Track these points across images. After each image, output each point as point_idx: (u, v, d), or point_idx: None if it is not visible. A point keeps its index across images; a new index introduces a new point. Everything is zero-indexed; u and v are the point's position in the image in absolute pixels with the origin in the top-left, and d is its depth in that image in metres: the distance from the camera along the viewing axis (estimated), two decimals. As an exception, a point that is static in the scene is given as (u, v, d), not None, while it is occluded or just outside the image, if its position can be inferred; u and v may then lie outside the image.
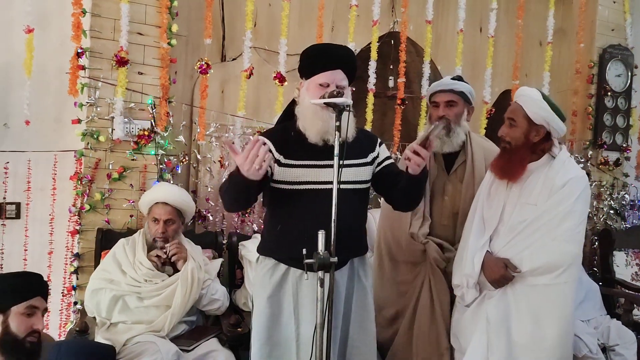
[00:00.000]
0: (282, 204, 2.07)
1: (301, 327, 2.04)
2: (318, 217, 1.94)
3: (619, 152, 4.63)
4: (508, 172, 2.35)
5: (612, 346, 3.20)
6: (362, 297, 2.18)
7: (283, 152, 2.05)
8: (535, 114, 2.29)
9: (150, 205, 2.84)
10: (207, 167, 3.53)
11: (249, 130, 3.57)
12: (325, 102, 1.89)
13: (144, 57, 3.19)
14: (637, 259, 4.32)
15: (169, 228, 2.78)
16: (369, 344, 2.17)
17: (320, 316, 1.82)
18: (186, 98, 3.54)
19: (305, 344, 2.00)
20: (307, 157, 2.04)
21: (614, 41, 4.61)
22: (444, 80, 2.64)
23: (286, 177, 2.05)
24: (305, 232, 1.94)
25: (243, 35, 3.48)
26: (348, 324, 2.13)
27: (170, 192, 2.84)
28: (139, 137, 3.14)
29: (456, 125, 2.57)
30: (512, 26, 4.49)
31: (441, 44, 4.41)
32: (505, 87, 4.57)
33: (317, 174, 2.03)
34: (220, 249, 3.28)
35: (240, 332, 2.60)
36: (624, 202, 4.65)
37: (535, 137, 2.31)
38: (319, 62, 2.03)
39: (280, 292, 2.09)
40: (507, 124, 2.37)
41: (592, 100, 4.57)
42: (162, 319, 2.58)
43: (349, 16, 3.74)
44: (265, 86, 3.73)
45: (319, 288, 1.82)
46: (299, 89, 2.11)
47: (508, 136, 2.35)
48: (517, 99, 2.37)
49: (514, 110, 2.35)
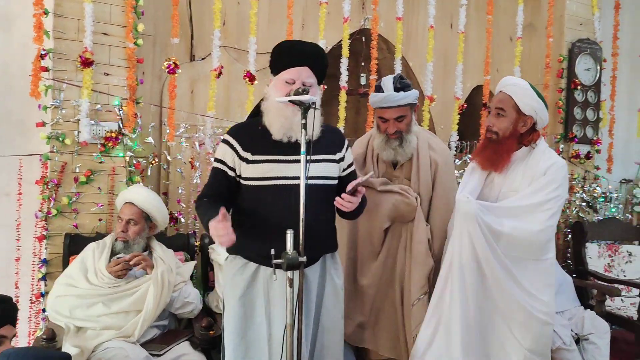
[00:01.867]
0: (251, 200, 2.05)
1: (273, 326, 2.02)
2: (287, 213, 1.95)
3: (589, 145, 4.69)
4: (494, 162, 2.35)
5: (585, 335, 3.24)
6: (334, 294, 2.18)
7: (250, 148, 2.04)
8: (524, 104, 2.28)
9: (120, 205, 2.84)
10: (177, 169, 3.47)
11: (219, 130, 3.52)
12: (290, 99, 1.87)
13: (110, 58, 3.12)
14: (609, 250, 4.38)
15: (130, 228, 2.75)
16: (337, 342, 2.16)
17: (290, 317, 1.81)
18: (155, 99, 3.49)
19: (277, 344, 1.98)
20: (275, 152, 2.03)
21: (583, 35, 4.66)
22: (389, 95, 2.48)
23: (255, 173, 2.03)
24: (274, 228, 1.94)
25: (212, 34, 3.44)
26: (318, 321, 2.11)
27: (138, 193, 2.82)
28: (107, 139, 3.08)
29: (407, 134, 2.54)
30: (482, 22, 4.51)
31: (412, 40, 4.41)
32: (476, 83, 4.59)
33: (286, 169, 2.02)
34: (193, 251, 3.23)
35: (212, 334, 2.56)
36: (596, 194, 4.71)
37: (523, 127, 2.31)
38: (286, 59, 2.02)
39: (252, 291, 2.07)
40: (494, 113, 2.34)
41: (563, 94, 4.62)
42: (132, 324, 2.53)
43: (319, 13, 3.72)
44: (236, 85, 3.68)
45: (288, 288, 1.81)
46: (268, 85, 2.09)
47: (495, 126, 2.33)
48: (505, 89, 2.34)
49: (503, 100, 2.32)
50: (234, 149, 2.06)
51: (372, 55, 3.94)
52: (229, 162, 2.07)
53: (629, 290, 4.07)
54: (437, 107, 4.28)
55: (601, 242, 4.38)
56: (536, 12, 4.80)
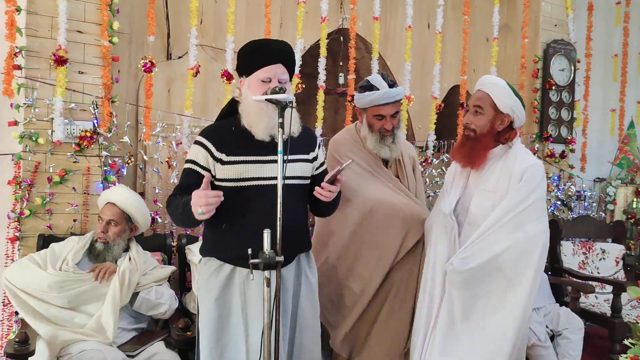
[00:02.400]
0: (226, 201, 2.02)
1: (250, 327, 2.01)
2: (264, 214, 1.94)
3: (564, 144, 4.76)
4: (471, 160, 2.36)
5: (560, 331, 3.29)
6: (310, 293, 2.18)
7: (225, 149, 2.02)
8: (502, 102, 2.30)
9: (102, 205, 2.81)
10: (154, 168, 3.44)
11: (196, 130, 3.49)
12: (267, 98, 1.86)
13: (84, 56, 3.08)
14: (583, 248, 4.45)
15: (110, 229, 2.73)
16: (315, 341, 2.16)
17: (267, 316, 1.80)
18: (131, 98, 3.45)
19: (254, 345, 1.97)
20: (251, 153, 2.02)
21: (557, 36, 4.74)
22: (388, 92, 2.53)
23: (230, 174, 2.02)
24: (251, 228, 1.93)
25: (188, 32, 3.41)
26: (295, 321, 2.11)
27: (119, 194, 2.80)
28: (81, 139, 3.03)
29: (398, 130, 2.63)
30: (459, 22, 4.55)
31: (390, 40, 4.44)
32: (453, 83, 4.63)
33: (261, 170, 2.01)
34: (170, 252, 3.21)
35: (189, 335, 2.54)
36: (570, 193, 4.79)
37: (500, 125, 2.33)
38: (260, 58, 2.00)
39: (228, 293, 2.06)
40: (472, 111, 2.36)
41: (538, 94, 4.69)
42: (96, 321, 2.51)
43: (297, 13, 3.71)
44: (213, 84, 3.66)
45: (265, 288, 1.80)
46: (239, 87, 2.08)
47: (473, 124, 2.34)
48: (484, 87, 2.36)
49: (481, 98, 2.34)
50: (207, 149, 2.04)
51: (350, 54, 3.95)
52: (202, 162, 2.05)
53: (602, 287, 4.14)
54: (415, 106, 4.30)
55: (575, 239, 4.46)
56: (512, 13, 4.86)
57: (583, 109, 5.02)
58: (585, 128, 5.05)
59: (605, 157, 5.29)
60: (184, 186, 2.06)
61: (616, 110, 5.38)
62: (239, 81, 2.09)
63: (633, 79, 5.44)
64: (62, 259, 2.62)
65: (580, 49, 4.95)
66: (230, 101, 2.14)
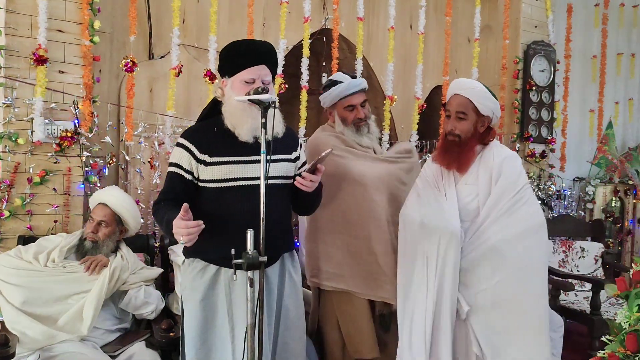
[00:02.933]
0: (210, 202, 2.03)
1: (236, 328, 2.01)
2: (248, 214, 1.94)
3: (544, 144, 4.83)
4: (460, 164, 2.39)
5: (540, 330, 3.32)
6: (294, 292, 2.19)
7: (208, 151, 2.02)
8: (484, 106, 2.34)
9: (94, 205, 2.81)
10: (136, 169, 3.41)
11: (179, 130, 3.48)
12: (249, 98, 1.86)
13: (65, 55, 3.05)
14: (563, 246, 4.51)
15: (101, 230, 2.73)
16: (300, 340, 2.17)
17: (251, 317, 1.80)
18: (112, 97, 3.42)
19: (240, 345, 1.97)
20: (234, 154, 2.02)
21: (537, 37, 4.80)
22: (353, 82, 2.64)
23: (213, 175, 2.02)
24: (235, 229, 1.93)
25: (171, 32, 3.39)
26: (279, 320, 2.11)
27: (113, 196, 2.81)
28: (62, 139, 3.00)
29: (369, 120, 2.70)
30: (441, 23, 4.59)
31: (373, 41, 4.46)
32: (435, 83, 4.67)
33: (245, 170, 2.02)
34: (153, 253, 3.19)
35: (172, 336, 2.53)
36: (550, 192, 4.85)
37: (482, 127, 2.38)
38: (243, 59, 2.00)
39: (213, 294, 2.05)
40: (454, 117, 2.39)
41: (519, 95, 4.75)
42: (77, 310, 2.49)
43: (280, 13, 3.71)
44: (196, 84, 3.65)
45: (248, 288, 1.80)
46: (221, 88, 2.07)
47: (457, 129, 2.38)
48: (463, 92, 2.38)
49: (463, 104, 2.37)
50: (190, 152, 2.03)
51: (333, 55, 3.96)
52: (186, 166, 2.04)
53: (581, 284, 4.21)
54: (398, 107, 4.33)
55: (555, 238, 4.51)
56: (493, 15, 4.91)
57: (562, 110, 5.10)
58: (564, 128, 5.13)
59: (584, 156, 5.37)
60: (169, 190, 2.05)
61: (595, 110, 5.48)
62: (221, 81, 2.08)
63: (611, 80, 5.55)
64: (47, 253, 2.61)
65: (560, 50, 5.03)
66: (211, 102, 2.13)
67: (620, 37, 5.64)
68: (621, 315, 1.52)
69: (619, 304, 4.19)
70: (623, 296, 1.57)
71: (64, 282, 2.53)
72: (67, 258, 2.66)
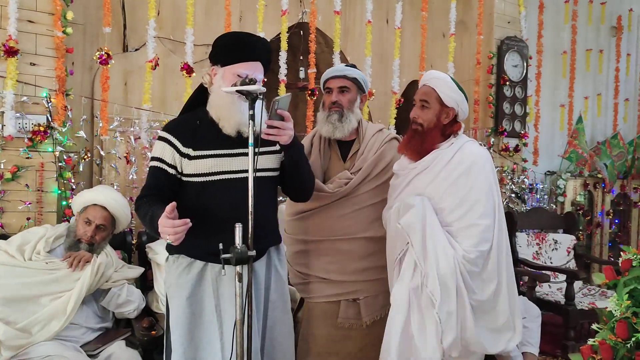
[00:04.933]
0: (195, 197, 1.99)
1: (224, 324, 1.97)
2: (234, 208, 1.91)
3: (518, 138, 4.90)
4: (420, 154, 2.38)
5: (518, 321, 3.37)
6: (280, 287, 2.16)
7: (191, 144, 1.97)
8: (447, 96, 2.35)
9: (86, 205, 2.70)
10: (112, 164, 3.33)
11: (156, 124, 3.41)
12: (237, 89, 1.82)
13: (37, 47, 2.95)
14: (537, 239, 4.60)
15: (99, 233, 2.66)
16: (287, 335, 2.15)
17: (240, 312, 1.77)
18: (86, 91, 3.33)
19: (229, 341, 1.93)
20: (219, 147, 1.98)
21: (511, 33, 4.87)
22: (337, 67, 2.66)
23: (198, 169, 1.97)
24: (221, 223, 1.90)
25: (146, 24, 3.32)
26: (266, 315, 2.09)
27: (112, 198, 2.73)
28: (34, 133, 2.91)
29: (348, 112, 2.54)
30: (416, 18, 4.61)
31: (350, 35, 4.45)
32: (412, 78, 4.69)
33: (230, 163, 1.98)
34: (130, 250, 3.12)
35: (154, 334, 2.48)
36: (523, 186, 4.93)
37: (445, 119, 2.37)
38: (241, 52, 1.96)
39: (200, 290, 2.01)
40: (419, 106, 2.39)
41: (493, 90, 4.81)
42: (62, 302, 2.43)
43: (257, 6, 3.67)
44: (172, 78, 3.58)
45: (237, 283, 1.77)
46: (210, 74, 2.02)
47: (420, 118, 2.38)
48: (429, 82, 2.40)
49: (427, 93, 2.38)
50: (173, 145, 1.99)
51: (310, 48, 3.93)
52: (169, 160, 1.99)
53: (555, 276, 4.29)
54: (375, 101, 4.33)
55: (529, 231, 4.59)
56: (467, 10, 4.96)
57: (535, 104, 5.19)
58: (537, 123, 5.23)
59: (555, 150, 5.48)
60: (152, 186, 2.00)
61: (565, 105, 5.59)
62: (210, 69, 2.03)
63: (581, 76, 5.67)
64: (33, 244, 2.55)
65: (532, 46, 5.11)
66: (197, 90, 2.08)
67: (590, 34, 5.77)
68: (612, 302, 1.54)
69: (591, 294, 4.30)
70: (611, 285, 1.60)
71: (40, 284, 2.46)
72: (53, 251, 2.59)
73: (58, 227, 2.72)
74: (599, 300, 4.04)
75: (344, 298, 2.50)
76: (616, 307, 1.52)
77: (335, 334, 2.51)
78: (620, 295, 1.55)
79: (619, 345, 1.52)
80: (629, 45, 6.09)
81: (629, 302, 1.52)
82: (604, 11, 5.81)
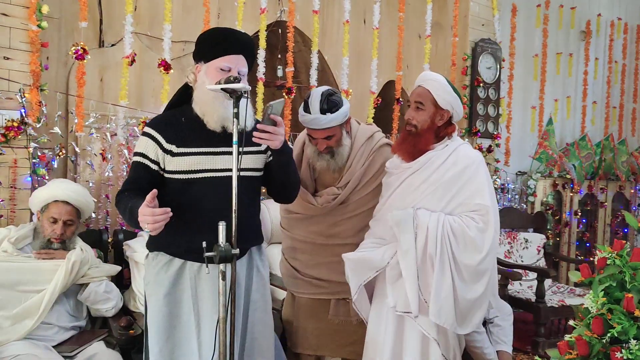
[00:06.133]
0: (177, 194, 1.97)
1: (202, 323, 1.97)
2: (216, 206, 1.91)
3: (491, 139, 4.99)
4: (414, 155, 2.40)
5: (491, 318, 3.44)
6: (262, 287, 2.16)
7: (175, 141, 1.96)
8: (442, 99, 2.36)
9: (46, 202, 2.62)
10: (87, 161, 3.28)
11: (132, 121, 3.37)
12: (222, 87, 1.82)
13: (10, 41, 2.89)
14: (509, 238, 4.70)
15: (67, 229, 2.61)
16: (267, 336, 2.15)
17: (222, 310, 1.77)
18: (61, 86, 3.27)
19: (207, 341, 1.93)
20: (202, 144, 1.97)
21: (485, 35, 4.96)
22: (316, 119, 2.34)
23: (180, 166, 1.96)
24: (204, 222, 1.89)
25: (123, 19, 3.27)
26: (247, 315, 2.09)
27: (73, 191, 2.66)
28: (7, 129, 2.85)
29: (339, 147, 2.45)
30: (393, 19, 4.65)
31: (327, 34, 4.46)
32: (388, 78, 4.72)
33: (213, 162, 1.98)
34: (106, 248, 3.08)
35: (132, 334, 2.45)
36: (496, 186, 5.03)
37: (440, 121, 2.38)
38: (222, 46, 1.96)
39: (178, 288, 2.00)
40: (413, 107, 2.40)
41: (467, 91, 4.88)
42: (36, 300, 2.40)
43: (236, 3, 3.65)
44: (149, 74, 3.54)
45: (220, 281, 1.77)
46: (194, 73, 2.01)
47: (415, 120, 2.38)
48: (424, 83, 2.40)
49: (422, 94, 2.38)
50: (156, 141, 1.97)
51: (288, 47, 3.93)
52: (151, 156, 1.97)
53: (526, 274, 4.39)
54: (352, 101, 4.35)
55: (501, 230, 4.68)
56: (443, 12, 5.02)
57: (507, 106, 5.29)
58: (509, 124, 5.34)
59: (526, 151, 5.59)
60: (133, 180, 1.98)
61: (536, 107, 5.72)
62: (195, 67, 2.02)
63: (551, 78, 5.80)
64: None
65: (505, 48, 5.21)
66: (182, 88, 2.07)
67: (560, 38, 5.91)
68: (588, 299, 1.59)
69: (560, 292, 4.41)
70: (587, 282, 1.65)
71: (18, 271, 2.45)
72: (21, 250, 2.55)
73: (22, 228, 2.64)
74: (568, 298, 4.15)
75: (334, 297, 2.52)
76: (592, 304, 1.57)
77: (326, 327, 2.53)
78: (596, 293, 1.60)
79: (594, 341, 1.57)
80: (597, 49, 6.25)
81: (604, 299, 1.57)
82: (573, 16, 5.96)
